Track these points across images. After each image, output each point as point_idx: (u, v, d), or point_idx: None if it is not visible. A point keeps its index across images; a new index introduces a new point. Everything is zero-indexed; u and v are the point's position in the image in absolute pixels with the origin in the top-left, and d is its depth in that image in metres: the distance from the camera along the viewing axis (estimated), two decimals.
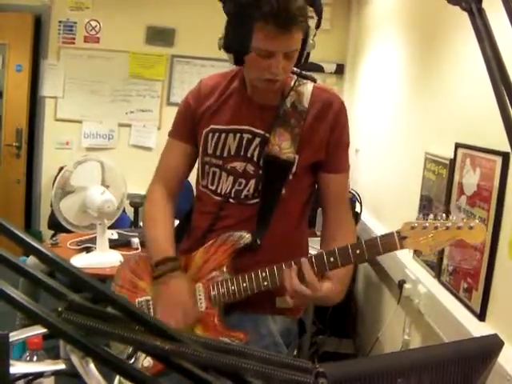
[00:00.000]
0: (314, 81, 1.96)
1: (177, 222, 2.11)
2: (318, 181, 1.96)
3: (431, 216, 1.60)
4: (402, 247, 1.64)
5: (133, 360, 1.75)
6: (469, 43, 2.24)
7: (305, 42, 1.75)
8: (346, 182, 1.99)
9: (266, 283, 1.77)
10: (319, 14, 1.73)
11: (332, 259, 1.69)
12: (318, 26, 1.75)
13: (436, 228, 1.58)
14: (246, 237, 1.85)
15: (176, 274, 1.85)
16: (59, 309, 0.57)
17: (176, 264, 1.87)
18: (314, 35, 1.77)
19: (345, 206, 1.98)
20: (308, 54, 1.80)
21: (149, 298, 1.94)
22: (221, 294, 1.83)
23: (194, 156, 2.03)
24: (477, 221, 1.58)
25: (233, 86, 1.95)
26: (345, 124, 1.92)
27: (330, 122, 1.87)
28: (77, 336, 0.56)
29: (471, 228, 1.55)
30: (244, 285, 1.79)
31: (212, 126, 1.92)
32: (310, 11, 1.73)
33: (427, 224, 1.59)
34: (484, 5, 0.88)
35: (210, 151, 1.93)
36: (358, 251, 1.66)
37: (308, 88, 1.91)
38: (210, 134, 1.92)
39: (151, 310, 1.93)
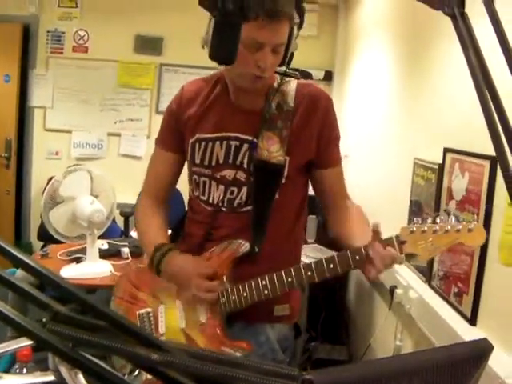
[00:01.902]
0: (297, 78, 1.92)
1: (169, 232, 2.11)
2: (313, 178, 1.93)
3: (429, 220, 1.59)
4: (401, 252, 1.61)
5: (136, 373, 1.73)
6: (456, 49, 2.24)
7: (289, 39, 1.72)
8: (342, 174, 1.96)
9: (266, 291, 1.75)
10: (301, 13, 1.72)
11: (332, 266, 1.66)
12: (300, 26, 1.74)
13: (435, 232, 1.57)
14: (245, 245, 1.83)
15: (170, 253, 1.84)
16: (43, 320, 0.57)
17: (168, 246, 1.86)
18: (297, 36, 1.76)
19: (345, 195, 1.97)
20: (292, 54, 1.78)
21: (149, 309, 1.93)
22: (222, 303, 1.81)
23: (181, 163, 2.01)
24: (475, 222, 1.56)
25: (216, 92, 1.92)
26: (333, 118, 1.90)
27: (319, 118, 1.85)
28: (61, 347, 0.56)
29: (470, 230, 1.54)
30: (244, 294, 1.77)
31: (198, 136, 1.90)
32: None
33: (426, 228, 1.58)
34: (467, 9, 0.88)
35: (197, 161, 1.91)
36: (357, 257, 1.64)
37: (292, 86, 1.88)
38: (197, 144, 1.90)
39: (152, 322, 1.92)
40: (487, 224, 1.96)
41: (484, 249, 1.97)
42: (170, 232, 2.09)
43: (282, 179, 1.85)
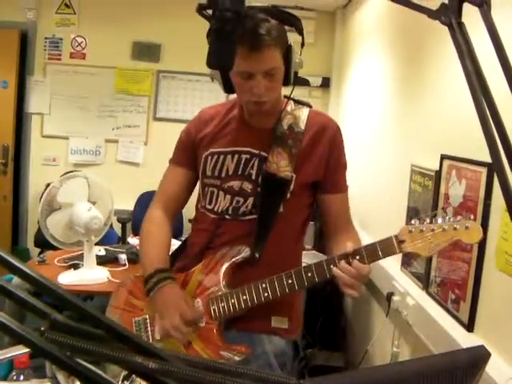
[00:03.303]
0: (310, 106, 2.01)
1: (178, 243, 2.14)
2: (319, 203, 1.99)
3: (427, 219, 1.63)
4: (400, 251, 1.66)
5: (130, 381, 1.73)
6: (453, 56, 2.25)
7: (288, 61, 1.78)
8: (347, 201, 2.02)
9: (266, 294, 1.77)
10: (300, 32, 1.77)
11: (332, 267, 1.70)
12: (302, 44, 1.80)
13: (433, 230, 1.62)
14: (245, 250, 1.86)
15: (167, 283, 1.85)
16: (42, 328, 0.57)
17: (167, 274, 1.87)
18: (300, 53, 1.80)
19: (349, 223, 2.02)
20: (296, 73, 1.83)
21: (146, 316, 1.94)
22: (220, 308, 1.83)
23: (193, 181, 2.07)
24: (472, 221, 1.60)
25: (232, 114, 1.99)
26: (342, 146, 1.98)
27: (328, 144, 1.92)
28: (59, 355, 0.56)
29: (467, 228, 1.58)
30: (244, 297, 1.80)
31: (211, 150, 1.96)
32: (291, 30, 1.77)
33: (424, 228, 1.62)
34: (463, 18, 0.89)
35: (208, 173, 1.96)
36: (357, 257, 1.67)
37: (304, 112, 1.96)
38: (209, 157, 1.96)
39: (148, 329, 1.92)
40: (484, 230, 1.96)
41: (481, 255, 1.98)
42: (178, 243, 2.13)
43: (287, 193, 1.90)
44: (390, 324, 2.85)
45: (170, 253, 2.07)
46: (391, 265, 2.81)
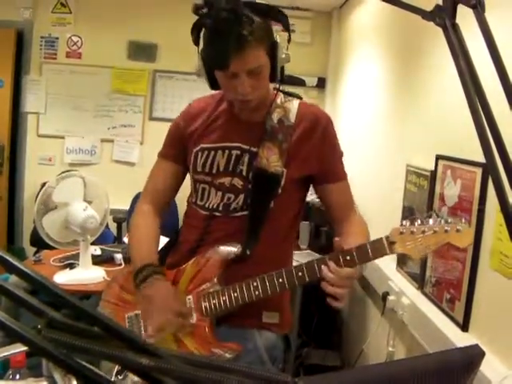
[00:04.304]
0: (300, 98, 2.00)
1: (166, 240, 2.13)
2: (320, 194, 1.99)
3: (419, 221, 1.62)
4: (391, 252, 1.66)
5: (122, 376, 1.73)
6: (448, 56, 2.25)
7: (273, 57, 1.77)
8: (348, 188, 2.01)
9: (257, 292, 1.77)
10: (286, 27, 1.75)
11: (323, 267, 1.70)
12: (289, 40, 1.78)
13: (423, 232, 1.61)
14: (236, 248, 1.86)
15: (156, 277, 1.85)
16: (39, 326, 0.57)
17: (156, 269, 1.87)
18: (287, 47, 1.79)
19: (350, 209, 2.00)
20: (282, 68, 1.81)
21: (138, 312, 1.94)
22: (212, 305, 1.83)
23: (182, 175, 2.07)
24: (463, 224, 1.59)
25: (221, 107, 1.98)
26: (334, 135, 1.96)
27: (320, 136, 1.90)
28: (56, 353, 0.56)
29: (458, 231, 1.57)
30: (235, 295, 1.79)
31: (201, 145, 1.95)
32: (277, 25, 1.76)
33: (415, 229, 1.62)
34: (457, 20, 0.89)
35: (199, 169, 1.95)
36: (348, 257, 1.67)
37: (294, 105, 1.95)
38: (200, 153, 1.95)
39: (141, 325, 1.92)
40: (479, 230, 1.97)
41: (476, 255, 1.99)
42: (167, 239, 2.11)
43: (278, 189, 1.89)
44: (386, 323, 2.86)
45: (162, 246, 2.07)
46: (387, 264, 2.82)
